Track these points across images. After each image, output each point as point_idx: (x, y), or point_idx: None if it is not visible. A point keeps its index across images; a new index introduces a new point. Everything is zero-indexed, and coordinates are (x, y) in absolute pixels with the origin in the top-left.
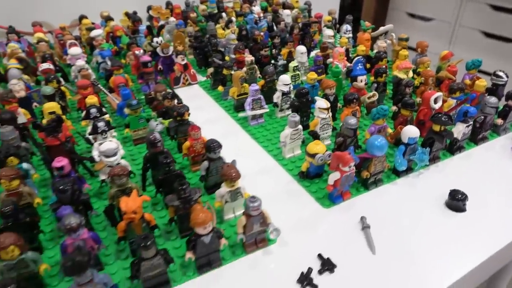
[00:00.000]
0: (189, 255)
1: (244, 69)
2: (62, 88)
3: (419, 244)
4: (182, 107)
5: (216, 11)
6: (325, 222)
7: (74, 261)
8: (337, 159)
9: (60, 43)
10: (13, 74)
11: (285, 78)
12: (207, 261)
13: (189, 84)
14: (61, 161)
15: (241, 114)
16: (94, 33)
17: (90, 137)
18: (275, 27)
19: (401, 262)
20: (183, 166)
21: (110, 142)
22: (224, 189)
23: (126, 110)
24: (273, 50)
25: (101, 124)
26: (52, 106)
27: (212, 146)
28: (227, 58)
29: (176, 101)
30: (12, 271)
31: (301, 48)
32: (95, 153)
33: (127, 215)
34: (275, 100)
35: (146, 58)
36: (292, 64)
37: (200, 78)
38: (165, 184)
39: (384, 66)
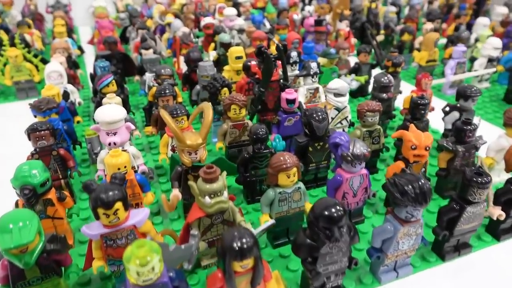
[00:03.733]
0: None
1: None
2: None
3: None
4: (397, 57)
5: None
6: None
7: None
8: None
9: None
10: (177, 25)
11: (496, 41)
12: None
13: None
14: (292, 93)
15: (433, 82)
16: None
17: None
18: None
19: None
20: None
21: (341, 81)
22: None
23: (322, 60)
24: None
25: (314, 65)
26: (239, 51)
27: (472, 91)
28: (382, 31)
29: (378, 52)
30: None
31: (484, 20)
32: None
33: (417, 151)
34: (476, 67)
35: (314, 18)
36: (486, 33)
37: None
38: None
39: None
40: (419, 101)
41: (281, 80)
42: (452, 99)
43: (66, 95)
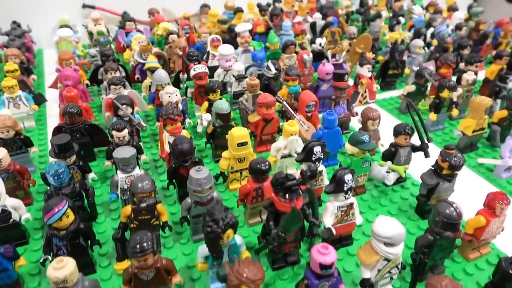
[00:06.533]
0: None
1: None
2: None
3: None
4: (457, 157)
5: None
6: None
7: None
8: None
9: (186, 37)
10: (160, 77)
11: None
12: None
13: (366, 102)
14: (328, 254)
15: (483, 160)
16: (240, 27)
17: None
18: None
19: None
20: None
21: (395, 223)
22: None
23: (350, 148)
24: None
25: (348, 178)
26: (242, 136)
27: None
28: (407, 70)
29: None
30: None
31: None
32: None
33: None
34: None
35: (331, 67)
36: None
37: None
38: None
39: None
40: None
41: (306, 206)
42: (508, 186)
43: (4, 216)
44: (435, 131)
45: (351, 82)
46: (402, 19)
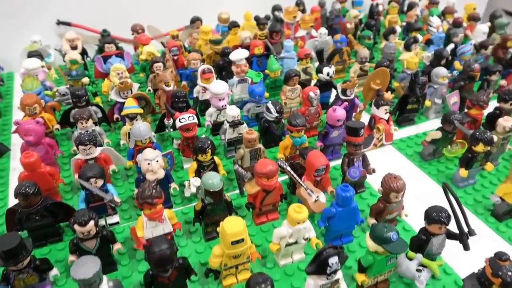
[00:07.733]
0: None
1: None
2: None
3: None
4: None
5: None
6: None
7: None
8: None
9: (174, 61)
10: (142, 133)
11: None
12: None
13: (382, 145)
14: None
15: None
16: (236, 55)
17: None
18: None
19: None
20: None
21: None
22: None
23: (372, 246)
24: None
25: None
26: (237, 232)
27: None
28: (428, 102)
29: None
30: None
31: None
32: None
33: None
34: None
35: (343, 112)
36: None
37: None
38: None
39: None
40: None
41: None
42: None
43: None
44: (464, 187)
45: (365, 118)
46: (420, 37)
